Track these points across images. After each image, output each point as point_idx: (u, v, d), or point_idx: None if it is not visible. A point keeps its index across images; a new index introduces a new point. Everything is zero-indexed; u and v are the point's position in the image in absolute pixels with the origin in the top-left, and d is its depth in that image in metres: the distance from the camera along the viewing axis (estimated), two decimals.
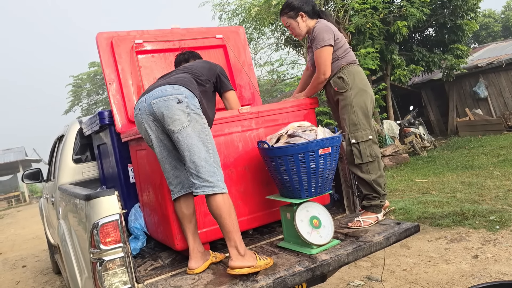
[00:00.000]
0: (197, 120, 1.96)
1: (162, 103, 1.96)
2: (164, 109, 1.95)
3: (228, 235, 1.93)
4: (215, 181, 1.92)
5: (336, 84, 2.51)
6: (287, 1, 2.60)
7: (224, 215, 1.91)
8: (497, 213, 4.46)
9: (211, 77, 2.26)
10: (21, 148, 24.47)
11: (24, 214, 14.71)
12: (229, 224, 1.91)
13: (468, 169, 7.41)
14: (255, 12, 10.10)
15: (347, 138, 2.47)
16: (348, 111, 2.45)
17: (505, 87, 11.85)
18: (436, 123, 13.60)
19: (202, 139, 1.95)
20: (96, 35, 2.67)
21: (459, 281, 3.15)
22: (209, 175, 1.92)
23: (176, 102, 1.94)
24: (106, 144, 2.93)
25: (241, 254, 1.90)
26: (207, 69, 2.27)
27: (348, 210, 2.74)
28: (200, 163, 1.92)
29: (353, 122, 2.45)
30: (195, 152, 1.92)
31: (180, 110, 1.93)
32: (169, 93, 1.97)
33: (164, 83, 2.05)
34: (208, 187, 1.92)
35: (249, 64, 3.12)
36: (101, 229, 1.92)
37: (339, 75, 2.49)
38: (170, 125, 1.95)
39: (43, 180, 4.61)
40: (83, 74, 24.67)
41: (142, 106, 2.04)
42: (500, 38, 20.40)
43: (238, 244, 1.91)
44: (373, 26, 9.67)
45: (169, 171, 2.11)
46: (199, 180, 1.93)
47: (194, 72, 2.19)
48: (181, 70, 2.24)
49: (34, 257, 6.75)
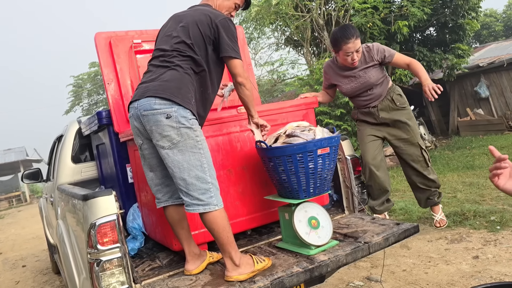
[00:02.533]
0: (189, 134, 1.85)
1: (151, 117, 1.85)
2: (153, 124, 1.85)
3: (222, 247, 1.90)
4: (206, 199, 1.86)
5: (398, 101, 3.13)
6: (354, 26, 3.03)
7: (217, 229, 1.87)
8: (498, 213, 4.44)
9: (209, 41, 1.95)
10: (22, 148, 24.51)
11: (25, 214, 14.74)
12: (222, 238, 1.88)
13: (469, 169, 7.39)
14: (255, 12, 10.09)
15: (418, 146, 3.28)
16: (414, 123, 3.20)
17: (506, 87, 11.82)
18: (437, 123, 13.57)
19: (195, 153, 1.85)
20: (95, 35, 2.66)
21: (459, 282, 3.13)
22: (200, 193, 1.85)
23: (164, 117, 1.82)
24: (105, 144, 2.92)
25: (236, 265, 1.88)
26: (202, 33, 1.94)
27: (348, 210, 2.73)
28: (190, 180, 1.85)
29: (419, 132, 3.19)
30: (185, 169, 1.84)
31: (169, 126, 1.82)
32: (158, 107, 1.83)
33: (153, 93, 1.87)
34: (199, 205, 1.86)
35: (248, 64, 3.11)
36: (99, 229, 1.92)
37: (398, 92, 3.16)
38: (159, 141, 1.85)
39: (43, 180, 4.61)
40: (83, 75, 24.69)
41: (134, 113, 1.94)
42: (502, 37, 20.34)
43: (233, 255, 1.89)
44: (374, 26, 9.65)
45: (160, 178, 2.03)
46: (189, 197, 1.87)
47: (193, 49, 1.93)
48: (180, 51, 1.94)
49: (34, 257, 6.75)
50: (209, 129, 2.20)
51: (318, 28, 10.52)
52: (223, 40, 1.94)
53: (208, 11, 2.02)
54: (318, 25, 10.45)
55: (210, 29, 1.95)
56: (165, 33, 2.07)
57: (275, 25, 11.37)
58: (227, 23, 1.97)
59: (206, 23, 1.96)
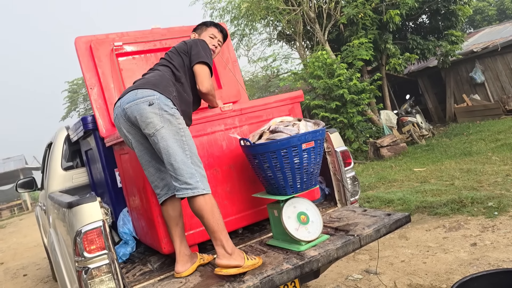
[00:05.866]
0: (171, 121, 1.91)
1: (134, 107, 1.93)
2: (137, 113, 1.93)
3: (213, 234, 1.90)
4: (194, 183, 1.88)
5: None
6: None
7: (207, 215, 1.87)
8: (495, 199, 4.42)
9: (185, 59, 2.17)
10: (20, 156, 24.46)
11: (27, 222, 14.71)
12: (213, 224, 1.88)
13: (466, 156, 7.36)
14: (245, 8, 10.03)
15: None
16: None
17: (501, 71, 11.76)
18: (434, 110, 13.52)
19: (178, 140, 1.91)
20: (74, 39, 2.62)
21: (458, 270, 3.11)
22: (188, 177, 1.88)
23: (147, 105, 1.91)
24: (93, 149, 2.89)
25: (228, 253, 1.87)
26: (182, 53, 2.19)
27: (340, 203, 2.70)
28: (177, 165, 1.89)
29: None
30: (171, 154, 1.89)
31: (152, 113, 1.90)
32: (140, 95, 1.94)
33: (135, 87, 2.01)
34: (187, 189, 1.88)
35: (233, 61, 3.07)
36: (85, 236, 1.89)
37: None
38: (145, 129, 1.93)
39: (37, 188, 4.58)
40: (78, 80, 24.60)
41: (118, 112, 2.01)
42: (495, 22, 20.23)
43: (225, 243, 1.88)
44: (366, 16, 9.60)
45: (154, 174, 2.07)
46: (178, 182, 1.90)
47: (172, 61, 2.16)
48: (162, 63, 2.19)
49: (35, 265, 6.74)
50: (193, 129, 2.17)
51: (310, 21, 10.46)
52: (194, 51, 2.19)
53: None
54: (309, 18, 10.39)
55: (184, 45, 2.24)
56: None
57: (267, 20, 11.31)
58: (196, 40, 2.26)
59: (182, 43, 2.27)
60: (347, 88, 9.11)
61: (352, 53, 9.55)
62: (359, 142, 9.56)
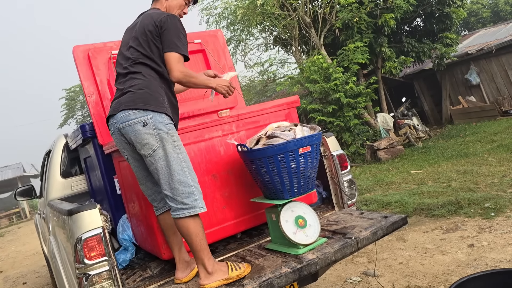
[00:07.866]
0: (167, 139, 1.89)
1: (129, 128, 1.91)
2: (132, 135, 1.91)
3: (196, 254, 1.91)
4: (190, 203, 1.89)
5: None
6: None
7: (194, 236, 1.89)
8: (492, 200, 4.45)
9: (159, 44, 1.96)
10: (18, 164, 24.41)
11: (25, 230, 14.66)
12: (196, 244, 1.90)
13: (463, 157, 7.40)
14: (241, 14, 10.10)
15: None
16: None
17: (496, 72, 11.85)
18: (430, 112, 13.60)
19: (174, 158, 1.89)
20: (72, 48, 2.66)
21: (455, 271, 3.13)
22: (184, 196, 1.89)
23: (141, 126, 1.88)
24: (91, 157, 2.91)
25: (209, 272, 1.89)
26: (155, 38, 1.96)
27: (337, 206, 2.73)
28: (174, 185, 1.89)
29: None
30: (168, 174, 1.89)
31: (147, 133, 1.88)
32: (133, 117, 1.89)
33: (125, 106, 1.92)
34: (184, 209, 1.89)
35: (229, 67, 3.11)
36: (85, 243, 1.91)
37: None
38: (141, 150, 1.92)
39: (36, 196, 4.59)
40: (75, 87, 24.61)
41: (115, 129, 1.99)
42: (490, 24, 20.40)
43: (206, 261, 1.90)
44: (361, 20, 9.68)
45: (151, 188, 2.08)
46: (175, 202, 1.90)
47: (151, 55, 1.97)
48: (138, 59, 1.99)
49: (34, 273, 6.73)
50: (191, 135, 2.20)
51: (306, 26, 10.53)
52: (165, 37, 1.95)
53: (153, 13, 2.04)
54: (305, 23, 10.46)
55: (155, 28, 1.96)
56: (123, 47, 2.11)
57: (263, 25, 11.38)
58: (168, 20, 1.97)
59: (151, 25, 1.97)
60: (343, 92, 9.17)
61: (348, 57, 9.61)
62: (356, 145, 9.61)
